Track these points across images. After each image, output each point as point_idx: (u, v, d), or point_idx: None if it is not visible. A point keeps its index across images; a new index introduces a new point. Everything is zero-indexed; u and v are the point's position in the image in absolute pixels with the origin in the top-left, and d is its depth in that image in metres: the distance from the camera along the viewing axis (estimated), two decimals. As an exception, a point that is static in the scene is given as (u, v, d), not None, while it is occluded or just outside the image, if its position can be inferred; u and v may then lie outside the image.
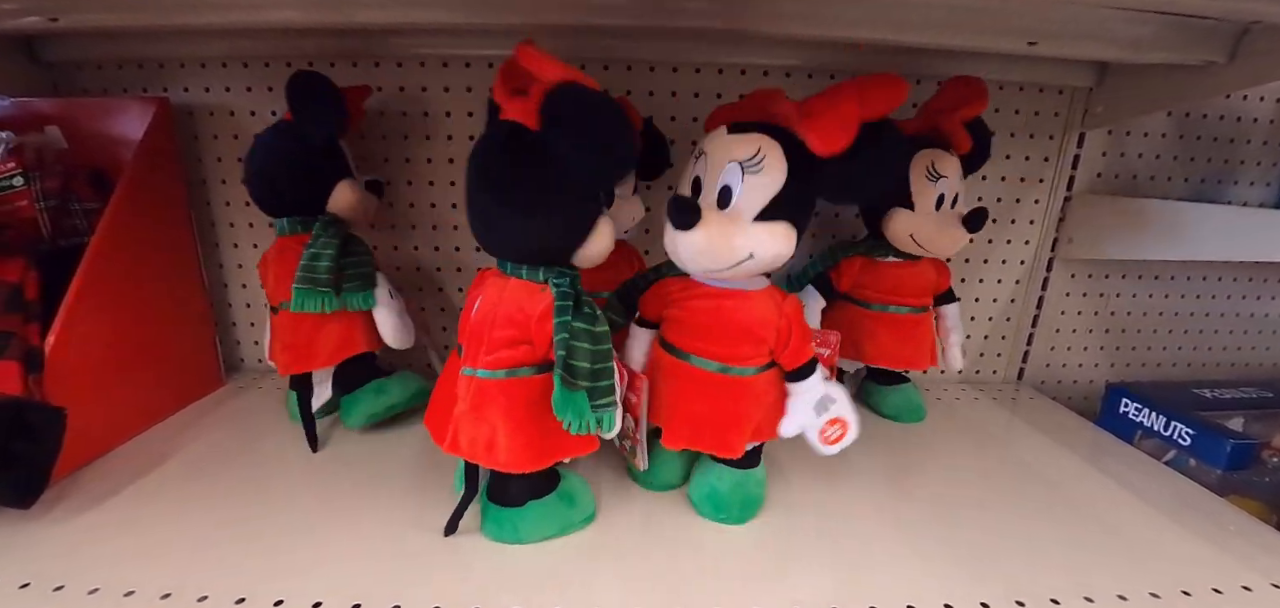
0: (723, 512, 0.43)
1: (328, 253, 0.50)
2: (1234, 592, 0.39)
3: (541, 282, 0.37)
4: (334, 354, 0.53)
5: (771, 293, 0.41)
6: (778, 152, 0.35)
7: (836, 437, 0.41)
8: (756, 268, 0.37)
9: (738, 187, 0.36)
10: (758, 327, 0.40)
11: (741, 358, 0.40)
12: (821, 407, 0.41)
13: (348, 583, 0.37)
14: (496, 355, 0.37)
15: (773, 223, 0.36)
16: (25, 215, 0.51)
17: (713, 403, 0.41)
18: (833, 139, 0.33)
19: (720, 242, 0.36)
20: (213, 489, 0.47)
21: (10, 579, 0.37)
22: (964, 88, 0.51)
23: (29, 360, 0.46)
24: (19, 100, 0.57)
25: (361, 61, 0.60)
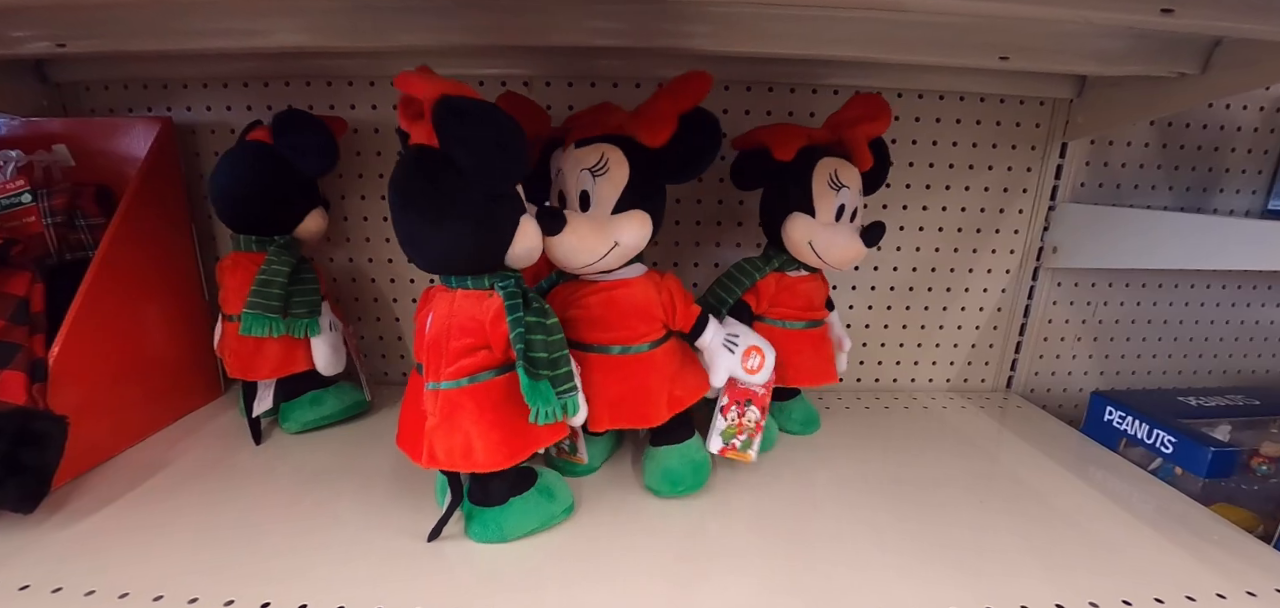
0: (680, 484, 0.48)
1: (279, 280, 0.54)
2: (1207, 599, 0.39)
3: (487, 288, 0.39)
4: (274, 370, 0.57)
5: (650, 275, 0.47)
6: (618, 153, 0.42)
7: (758, 365, 0.47)
8: (624, 252, 0.43)
9: (591, 189, 0.42)
10: (647, 305, 0.45)
11: (639, 336, 0.46)
12: (731, 344, 0.47)
13: (334, 587, 0.38)
14: (458, 365, 0.39)
15: (628, 212, 0.42)
16: (33, 231, 0.53)
17: (623, 383, 0.46)
18: (656, 132, 0.41)
19: (588, 238, 0.42)
20: (207, 496, 0.49)
21: (10, 582, 0.38)
22: (868, 104, 0.51)
23: (34, 371, 0.47)
24: (28, 120, 0.60)
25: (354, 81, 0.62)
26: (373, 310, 0.70)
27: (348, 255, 0.68)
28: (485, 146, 0.35)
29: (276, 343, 0.55)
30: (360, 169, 0.65)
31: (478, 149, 0.35)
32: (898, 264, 0.69)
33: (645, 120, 0.42)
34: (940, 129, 0.64)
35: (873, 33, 0.49)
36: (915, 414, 0.67)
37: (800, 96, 0.63)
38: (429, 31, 0.50)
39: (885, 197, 0.66)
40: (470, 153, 0.35)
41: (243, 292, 0.53)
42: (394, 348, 0.72)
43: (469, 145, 0.35)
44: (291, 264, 0.55)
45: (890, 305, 0.71)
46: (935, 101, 0.63)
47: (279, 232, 0.56)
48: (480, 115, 0.35)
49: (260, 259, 0.54)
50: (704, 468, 0.49)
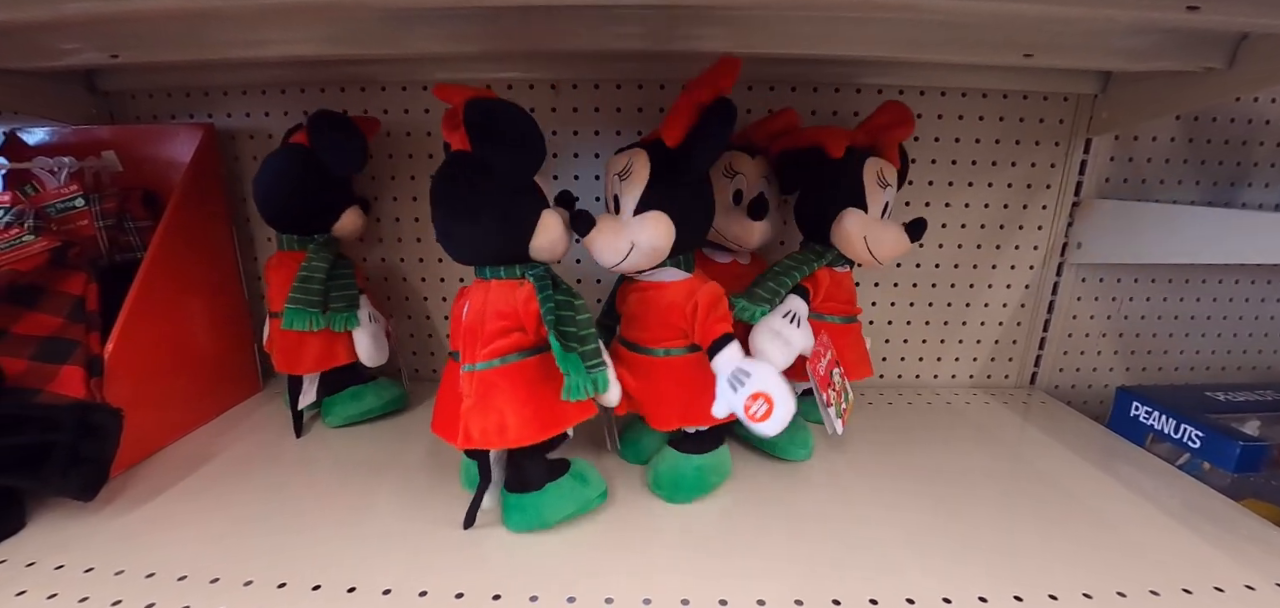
0: (659, 488, 0.49)
1: (318, 275, 0.56)
2: (1236, 591, 0.40)
3: (519, 277, 0.42)
4: (316, 364, 0.59)
5: (690, 282, 0.46)
6: (642, 157, 0.43)
7: (763, 413, 0.42)
8: (641, 254, 0.42)
9: (620, 193, 0.44)
10: (669, 311, 0.46)
11: (657, 340, 0.47)
12: (736, 380, 0.43)
13: (379, 570, 0.40)
14: (493, 346, 0.41)
15: (646, 214, 0.42)
16: (86, 234, 0.56)
17: (639, 379, 0.48)
18: (673, 129, 0.41)
19: (609, 238, 0.43)
20: (254, 485, 0.51)
21: (76, 564, 0.41)
22: (897, 111, 0.54)
23: (91, 366, 0.50)
24: (79, 128, 0.63)
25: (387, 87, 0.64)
26: (406, 308, 0.72)
27: (381, 255, 0.70)
28: (507, 141, 0.39)
29: (317, 337, 0.57)
30: (392, 170, 0.67)
31: (499, 142, 0.39)
32: (921, 261, 0.69)
33: (667, 119, 0.42)
34: (963, 126, 0.64)
35: (893, 33, 0.50)
36: (939, 411, 0.67)
37: (823, 96, 0.63)
38: (453, 39, 0.52)
39: (908, 193, 0.66)
40: (493, 146, 0.39)
41: (286, 289, 0.56)
42: (425, 345, 0.74)
43: (491, 138, 0.39)
44: (329, 260, 0.57)
45: (913, 303, 0.71)
46: (958, 99, 0.64)
47: (317, 230, 0.58)
48: (501, 112, 0.38)
49: (302, 257, 0.57)
50: (686, 486, 0.48)
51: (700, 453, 0.49)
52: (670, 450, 0.50)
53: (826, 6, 0.45)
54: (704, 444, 0.49)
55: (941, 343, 0.73)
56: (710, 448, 0.50)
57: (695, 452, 0.49)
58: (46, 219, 0.54)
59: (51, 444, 0.44)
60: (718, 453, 0.50)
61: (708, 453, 0.49)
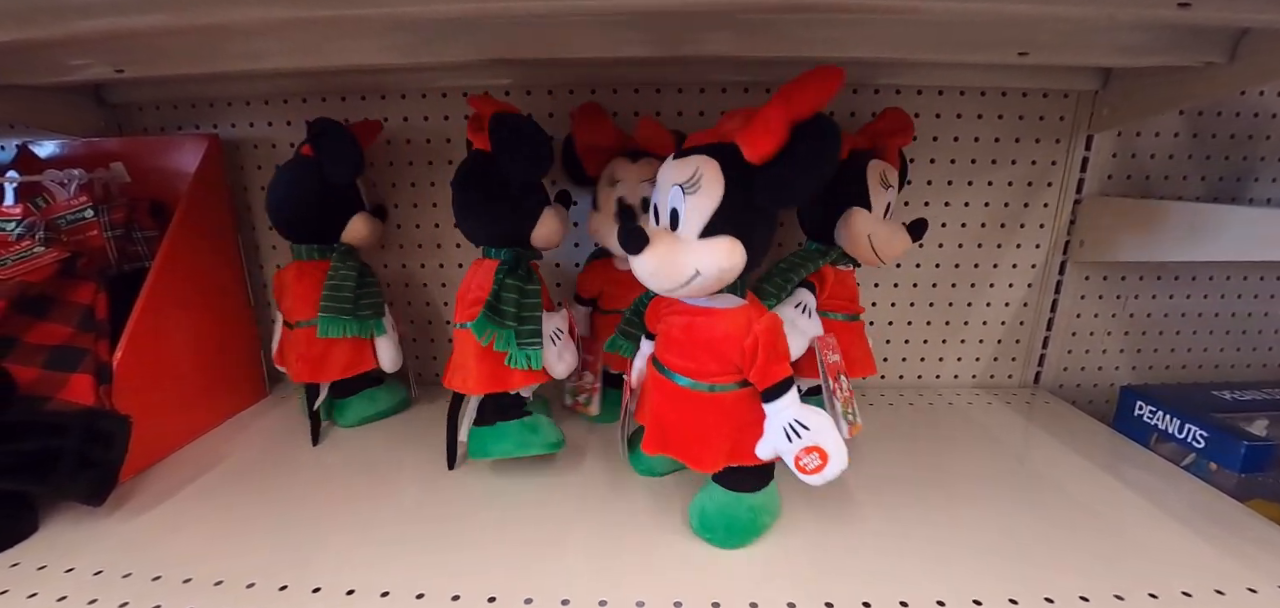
0: (708, 531, 0.44)
1: (348, 283, 0.57)
2: (1238, 594, 0.39)
3: (496, 257, 0.50)
4: (344, 370, 0.60)
5: (746, 311, 0.41)
6: (714, 169, 0.37)
7: (815, 467, 0.39)
8: (705, 284, 0.38)
9: (681, 208, 0.38)
10: (722, 344, 0.40)
11: (708, 375, 0.41)
12: (793, 432, 0.39)
13: (379, 573, 0.41)
14: (469, 311, 0.50)
15: (716, 239, 0.37)
16: (95, 244, 0.57)
17: (682, 416, 0.42)
18: (759, 144, 0.35)
19: (667, 262, 0.37)
20: (259, 489, 0.52)
21: (86, 567, 0.42)
22: (899, 117, 0.55)
23: (100, 374, 0.51)
24: (88, 140, 0.64)
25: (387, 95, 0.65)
26: (407, 313, 0.73)
27: (383, 261, 0.71)
28: (521, 151, 0.46)
29: (346, 344, 0.59)
30: (393, 177, 0.67)
31: (516, 153, 0.46)
32: (922, 261, 0.69)
33: (749, 128, 0.35)
34: (962, 125, 0.64)
35: (893, 34, 0.50)
36: (941, 411, 0.67)
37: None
38: (459, 47, 0.52)
39: (909, 193, 0.66)
40: (510, 155, 0.47)
41: (308, 299, 0.57)
42: (428, 349, 0.75)
43: (510, 149, 0.46)
44: (357, 268, 0.59)
45: (915, 302, 0.71)
46: (956, 98, 0.63)
47: (327, 239, 0.59)
48: (520, 129, 0.46)
49: (323, 267, 0.58)
50: (742, 530, 0.43)
51: (754, 490, 0.44)
52: (718, 489, 0.44)
53: (829, 7, 0.45)
54: (756, 479, 0.44)
55: (944, 343, 0.73)
56: (764, 483, 0.44)
57: (748, 489, 0.43)
58: (57, 231, 0.56)
59: (61, 450, 0.45)
60: (770, 490, 0.45)
61: (762, 490, 0.44)
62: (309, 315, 0.57)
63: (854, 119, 0.64)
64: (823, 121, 0.34)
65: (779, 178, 0.35)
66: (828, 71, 0.33)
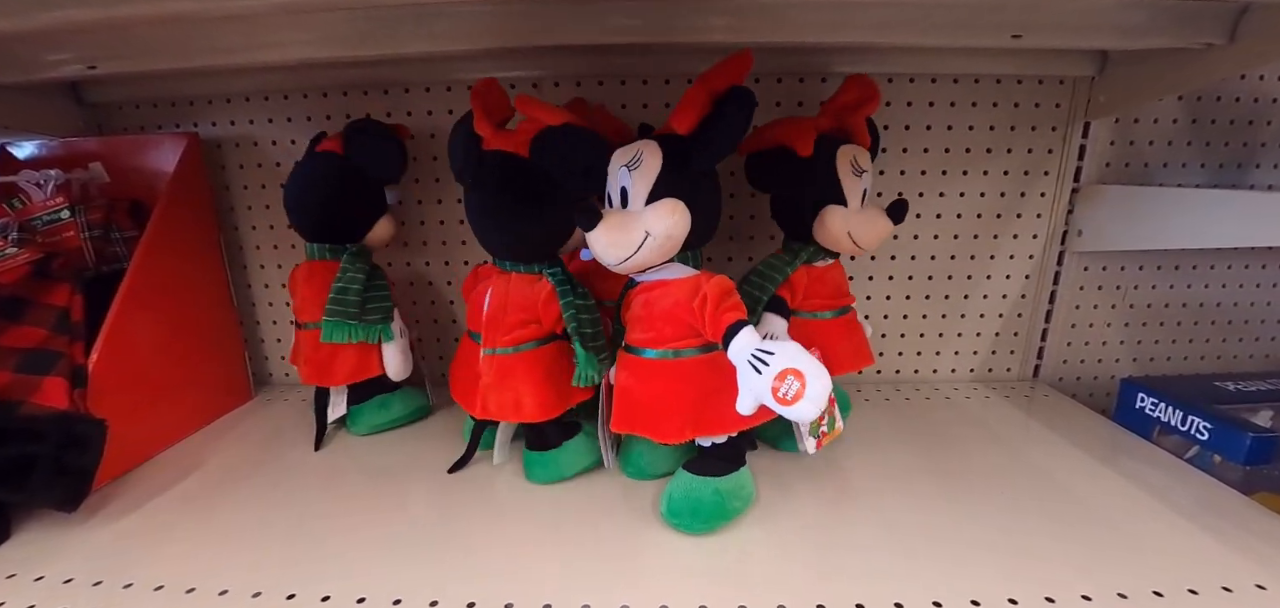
0: (675, 516, 0.44)
1: (355, 287, 0.56)
2: (1246, 590, 0.38)
3: (537, 273, 0.47)
4: (350, 375, 0.58)
5: (695, 278, 0.43)
6: (653, 145, 0.41)
7: (795, 393, 0.36)
8: (656, 245, 0.40)
9: (628, 185, 0.41)
10: (675, 308, 0.42)
11: (666, 340, 0.43)
12: (759, 363, 0.37)
13: (359, 580, 0.40)
14: (512, 335, 0.47)
15: (660, 201, 0.40)
16: (72, 245, 0.56)
17: (646, 386, 0.44)
18: (685, 117, 0.40)
19: (618, 231, 0.40)
20: (238, 495, 0.50)
21: (55, 576, 0.41)
22: (863, 86, 0.51)
23: (75, 377, 0.50)
24: (65, 140, 0.63)
25: (370, 91, 0.63)
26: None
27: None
28: (576, 169, 0.44)
29: (352, 349, 0.57)
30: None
31: (571, 171, 0.43)
32: (917, 252, 0.68)
33: (677, 109, 0.41)
34: (956, 113, 0.63)
35: (887, 16, 0.49)
36: (938, 405, 0.66)
37: (810, 86, 0.62)
38: (444, 38, 0.51)
39: (903, 183, 0.65)
40: (566, 173, 0.43)
41: (318, 300, 0.55)
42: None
43: (564, 165, 0.43)
44: (366, 271, 0.57)
45: (909, 295, 0.69)
46: (949, 85, 0.62)
47: (350, 239, 0.57)
48: (579, 142, 0.43)
49: (334, 267, 0.56)
50: (708, 513, 0.43)
51: (719, 474, 0.44)
52: (684, 474, 0.45)
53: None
54: (723, 464, 0.45)
55: (940, 336, 0.71)
56: (730, 468, 0.45)
57: (713, 474, 0.44)
58: (32, 232, 0.55)
59: (34, 456, 0.44)
60: (738, 475, 0.45)
61: (727, 475, 0.45)
62: (317, 316, 0.56)
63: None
64: (738, 89, 0.39)
65: (706, 139, 0.40)
66: (741, 57, 0.39)
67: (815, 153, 0.49)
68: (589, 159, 0.43)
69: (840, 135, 0.51)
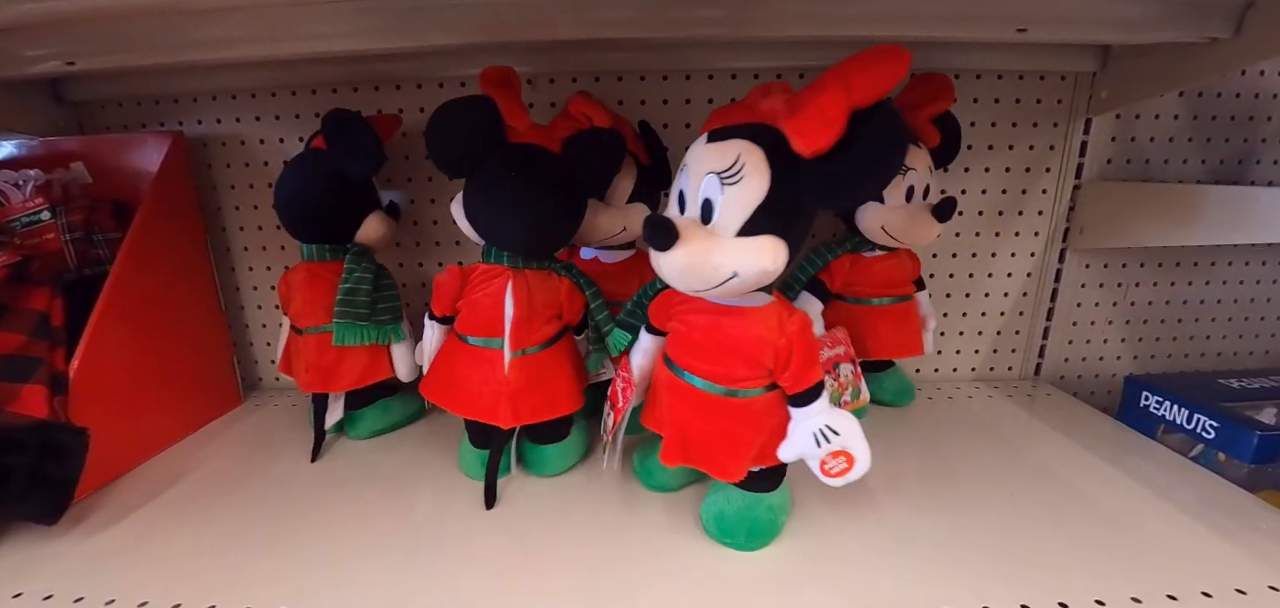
0: (728, 536, 0.41)
1: (364, 287, 0.53)
2: (1259, 592, 0.37)
3: (549, 269, 0.48)
4: (358, 379, 0.56)
5: (775, 310, 0.38)
6: (759, 157, 0.32)
7: (841, 470, 0.37)
8: (742, 286, 0.34)
9: (717, 199, 0.33)
10: (754, 347, 0.37)
11: (738, 380, 0.38)
12: (822, 437, 0.37)
13: (355, 596, 0.38)
14: (540, 333, 0.47)
15: (757, 238, 0.33)
16: (52, 247, 0.54)
17: (709, 425, 0.39)
18: (815, 136, 0.30)
19: (700, 261, 0.33)
20: (227, 504, 0.49)
21: (35, 591, 0.39)
22: (929, 85, 0.53)
23: (55, 384, 0.48)
24: (46, 140, 0.61)
25: (360, 87, 0.62)
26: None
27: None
28: (605, 162, 0.46)
29: (363, 351, 0.55)
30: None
31: (602, 163, 0.46)
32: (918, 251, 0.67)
33: (802, 116, 0.31)
34: (958, 110, 0.61)
35: (889, 8, 0.48)
36: (940, 405, 0.65)
37: (810, 83, 0.61)
38: (431, 31, 0.49)
39: (901, 182, 0.64)
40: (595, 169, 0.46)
41: (320, 303, 0.53)
42: None
43: (598, 159, 0.46)
44: (373, 271, 0.55)
45: (910, 293, 0.69)
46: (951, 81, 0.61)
47: (340, 238, 0.55)
48: (605, 142, 0.46)
49: (335, 268, 0.54)
50: (763, 531, 0.41)
51: (771, 490, 0.41)
52: (734, 491, 0.41)
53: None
54: (775, 478, 0.42)
55: (942, 335, 0.70)
56: (779, 482, 0.42)
57: (766, 489, 0.41)
58: (10, 234, 0.53)
59: (12, 467, 0.43)
60: (785, 488, 0.43)
61: (777, 490, 0.42)
62: (321, 320, 0.53)
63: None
64: (887, 112, 0.29)
65: (834, 175, 0.31)
66: (892, 52, 0.29)
67: None
68: (620, 163, 0.46)
69: None
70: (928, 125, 0.52)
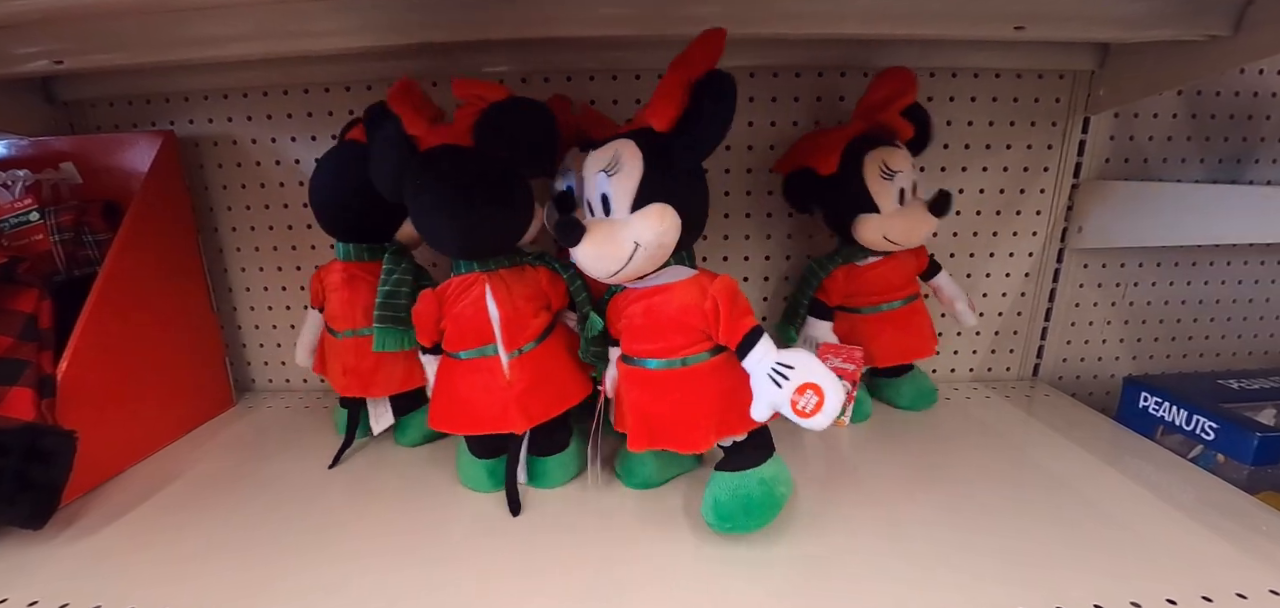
0: (728, 520, 0.41)
1: (404, 289, 0.51)
2: (1260, 595, 0.37)
3: (524, 263, 0.46)
4: (398, 385, 0.54)
5: (697, 280, 0.41)
6: (631, 148, 0.39)
7: (813, 407, 0.36)
8: (647, 254, 0.39)
9: (609, 191, 0.39)
10: (682, 314, 0.40)
11: (678, 349, 0.41)
12: (779, 375, 0.37)
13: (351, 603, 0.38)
14: (530, 328, 0.46)
15: (646, 208, 0.38)
16: (41, 248, 0.54)
17: (663, 400, 0.42)
18: (662, 112, 0.37)
19: (606, 244, 0.39)
20: (217, 509, 0.48)
21: (20, 598, 0.38)
22: (894, 80, 0.52)
23: (42, 387, 0.48)
24: (36, 140, 0.61)
25: (352, 87, 0.61)
26: None
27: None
28: (526, 143, 0.42)
29: (402, 356, 0.52)
30: None
31: (520, 145, 0.42)
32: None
33: (653, 102, 0.38)
34: (955, 109, 0.62)
35: (885, 7, 0.48)
36: (938, 405, 0.64)
37: (807, 81, 0.61)
38: (422, 28, 0.49)
39: (899, 181, 0.63)
40: (510, 146, 0.42)
41: (361, 305, 0.52)
42: None
43: (531, 145, 0.42)
44: (412, 272, 0.52)
45: (907, 294, 0.68)
46: (948, 80, 0.61)
47: (380, 237, 0.53)
48: (524, 111, 0.41)
49: (373, 269, 0.52)
50: (760, 507, 0.41)
51: (758, 464, 0.42)
52: (721, 475, 0.42)
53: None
54: (758, 453, 0.43)
55: (939, 335, 0.70)
56: (767, 454, 0.43)
57: (752, 465, 0.42)
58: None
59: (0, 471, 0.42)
60: (777, 461, 0.43)
61: (767, 462, 0.43)
62: (359, 323, 0.52)
63: (844, 104, 0.61)
64: (718, 75, 0.36)
65: (690, 137, 0.38)
66: (712, 34, 0.36)
67: (841, 166, 0.51)
68: (536, 134, 0.41)
69: (876, 135, 0.52)
70: (899, 120, 0.51)
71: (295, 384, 0.72)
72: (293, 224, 0.66)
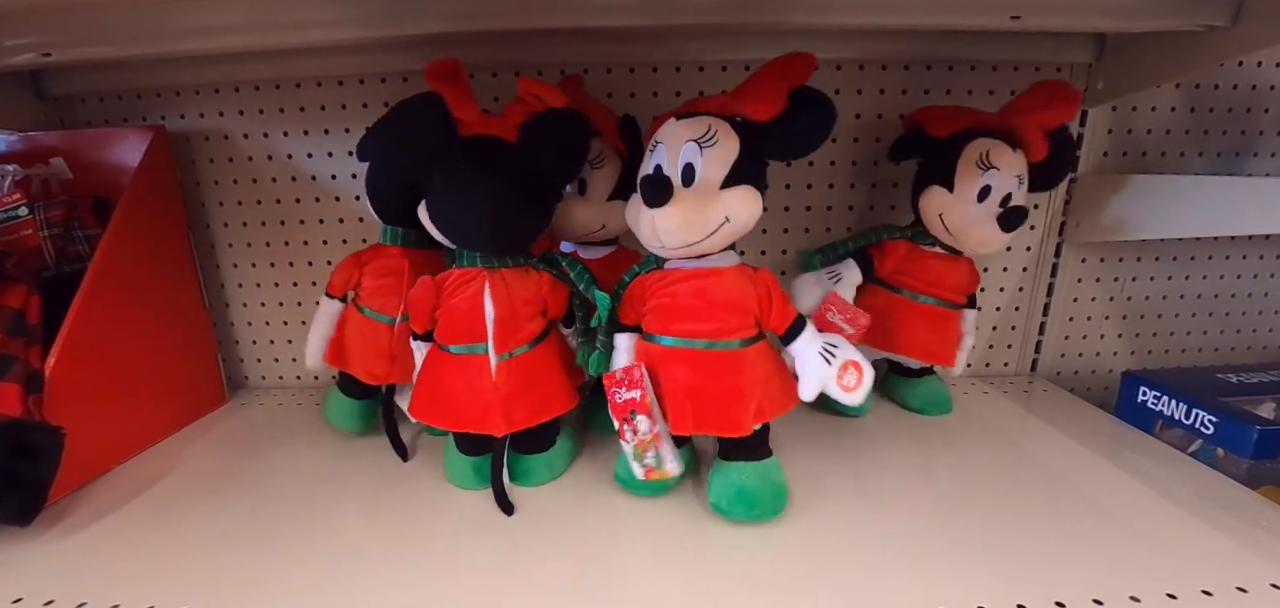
0: (757, 507, 0.42)
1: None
2: (1261, 589, 0.36)
3: (526, 266, 0.46)
4: None
5: (744, 267, 0.42)
6: (726, 126, 0.39)
7: (855, 382, 0.40)
8: (733, 231, 0.39)
9: (697, 162, 0.39)
10: (739, 298, 0.41)
11: (729, 331, 0.41)
12: (828, 355, 0.40)
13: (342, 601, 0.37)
14: (525, 332, 0.45)
15: (738, 187, 0.39)
16: (29, 244, 0.53)
17: (716, 383, 0.41)
18: (763, 105, 0.38)
19: (695, 213, 0.38)
20: (207, 506, 0.48)
21: (4, 596, 0.38)
22: (1047, 92, 0.50)
23: (30, 382, 0.47)
24: (26, 135, 0.60)
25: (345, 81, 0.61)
26: None
27: None
28: (566, 146, 0.43)
29: None
30: None
31: (560, 148, 0.43)
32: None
33: (753, 94, 0.39)
34: (952, 102, 0.61)
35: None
36: (935, 402, 0.64)
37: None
38: (417, 20, 0.48)
39: (896, 173, 0.63)
40: (559, 153, 0.43)
41: (399, 293, 0.51)
42: None
43: (556, 143, 0.42)
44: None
45: (905, 289, 0.68)
46: (944, 72, 0.61)
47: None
48: (582, 124, 0.43)
49: (429, 256, 0.50)
50: (783, 493, 0.43)
51: (770, 454, 0.44)
52: (744, 466, 0.43)
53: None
54: (763, 449, 0.44)
55: (937, 332, 0.70)
56: (768, 452, 0.44)
57: (767, 455, 0.44)
58: (-14, 230, 0.52)
59: (-15, 468, 0.42)
60: (775, 458, 0.45)
61: (773, 456, 0.44)
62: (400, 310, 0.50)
63: (838, 96, 0.61)
64: (821, 97, 0.38)
65: (787, 137, 0.39)
66: (805, 55, 0.38)
67: (950, 137, 0.51)
68: (584, 148, 0.43)
69: (1005, 134, 0.51)
70: (1035, 134, 0.49)
71: (288, 381, 0.72)
72: (285, 219, 0.65)
